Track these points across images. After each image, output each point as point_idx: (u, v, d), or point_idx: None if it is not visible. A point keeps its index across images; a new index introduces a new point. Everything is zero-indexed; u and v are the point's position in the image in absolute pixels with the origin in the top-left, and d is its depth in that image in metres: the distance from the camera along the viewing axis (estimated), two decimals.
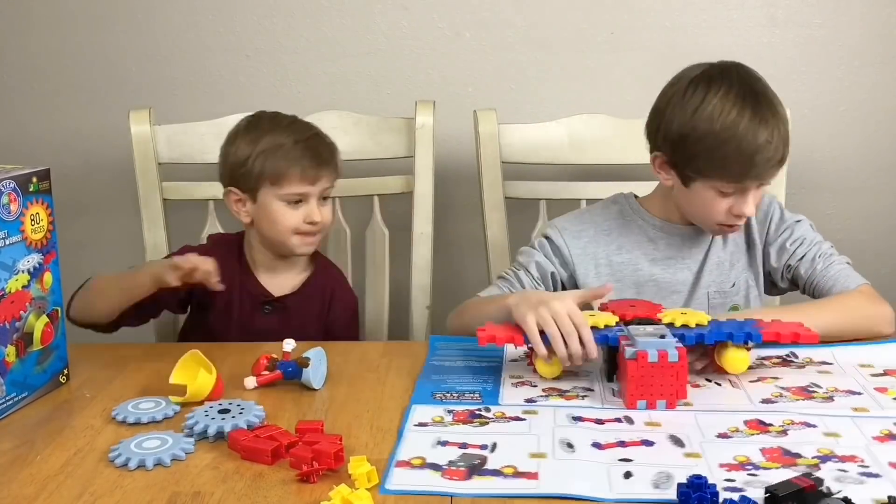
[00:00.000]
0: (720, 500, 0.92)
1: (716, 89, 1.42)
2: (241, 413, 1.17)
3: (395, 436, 1.15)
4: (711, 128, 1.40)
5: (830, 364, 1.36)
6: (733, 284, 1.58)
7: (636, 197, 1.62)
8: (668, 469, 1.04)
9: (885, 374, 1.33)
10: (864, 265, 2.10)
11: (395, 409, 1.23)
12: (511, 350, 1.42)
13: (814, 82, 2.03)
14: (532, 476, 1.03)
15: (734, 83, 1.42)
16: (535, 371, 1.32)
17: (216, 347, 1.48)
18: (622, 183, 1.71)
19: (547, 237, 1.60)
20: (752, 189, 1.45)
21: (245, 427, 1.14)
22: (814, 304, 1.50)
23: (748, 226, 1.59)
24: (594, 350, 1.26)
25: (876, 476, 1.02)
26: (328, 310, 1.69)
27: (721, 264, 1.58)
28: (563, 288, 1.58)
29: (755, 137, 1.39)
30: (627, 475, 1.03)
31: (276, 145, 1.60)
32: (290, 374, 1.29)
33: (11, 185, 1.23)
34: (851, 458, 1.06)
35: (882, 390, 1.27)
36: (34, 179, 1.27)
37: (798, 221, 1.59)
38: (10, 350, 1.25)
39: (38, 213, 1.28)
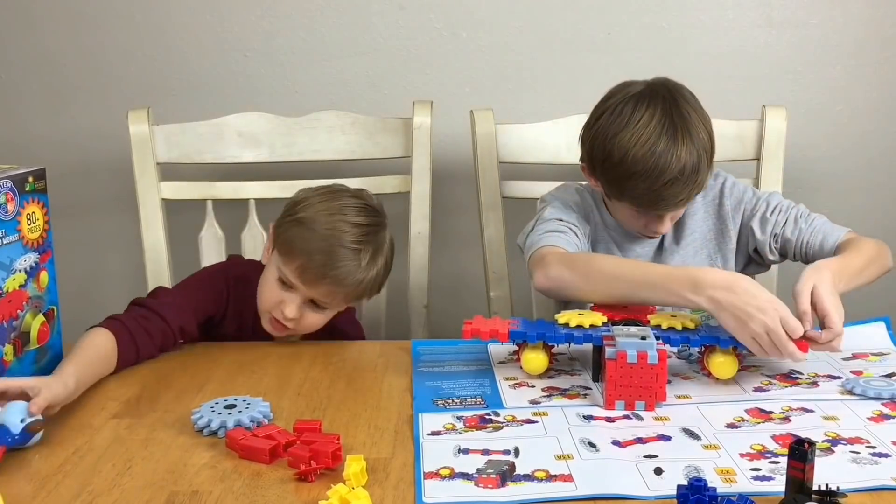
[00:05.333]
0: (719, 500, 0.92)
1: (638, 116, 1.41)
2: (247, 408, 1.18)
3: (392, 435, 1.15)
4: (624, 158, 1.41)
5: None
6: None
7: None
8: (694, 463, 1.05)
9: (854, 357, 1.39)
10: None
11: (392, 408, 1.24)
12: (496, 350, 1.43)
13: (810, 82, 2.04)
14: (567, 478, 1.02)
15: (656, 111, 1.41)
16: (521, 367, 1.32)
17: (215, 347, 1.48)
18: None
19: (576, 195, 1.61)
20: (667, 214, 1.48)
21: (255, 423, 1.15)
22: (842, 256, 1.44)
23: (720, 216, 1.59)
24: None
25: (886, 456, 1.07)
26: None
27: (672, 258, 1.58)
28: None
29: (662, 175, 1.39)
30: (658, 471, 1.03)
31: (310, 228, 1.42)
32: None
33: (8, 185, 1.23)
34: (857, 440, 1.11)
35: (858, 373, 1.33)
36: (30, 179, 1.27)
37: (770, 193, 1.61)
38: (8, 349, 1.25)
39: (34, 213, 1.28)
